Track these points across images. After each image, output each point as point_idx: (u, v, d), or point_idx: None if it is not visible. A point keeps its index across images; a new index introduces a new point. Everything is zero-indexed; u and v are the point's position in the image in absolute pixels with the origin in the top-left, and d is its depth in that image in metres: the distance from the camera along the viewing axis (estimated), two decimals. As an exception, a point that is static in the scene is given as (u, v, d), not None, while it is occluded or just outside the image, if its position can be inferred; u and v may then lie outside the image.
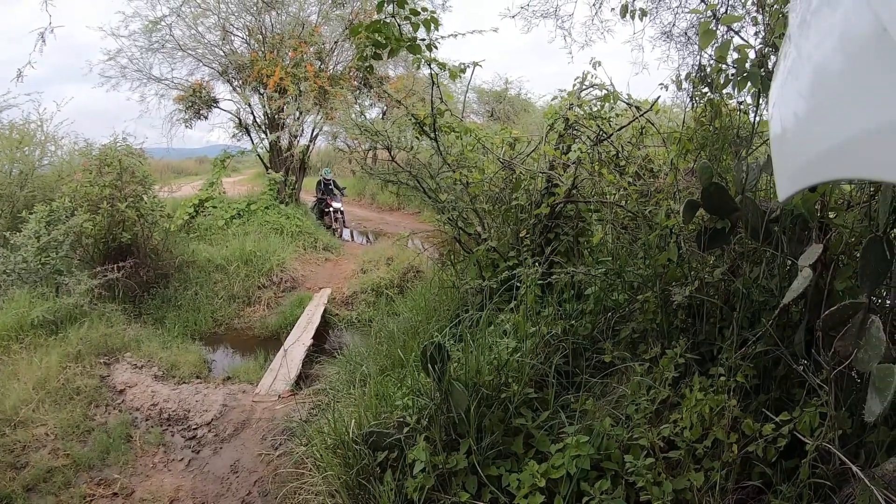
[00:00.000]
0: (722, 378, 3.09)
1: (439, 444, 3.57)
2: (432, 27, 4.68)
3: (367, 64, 4.85)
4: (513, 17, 7.36)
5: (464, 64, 5.60)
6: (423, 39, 4.84)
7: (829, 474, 2.63)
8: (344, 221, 17.01)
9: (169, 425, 6.28)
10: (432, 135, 5.92)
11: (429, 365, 3.55)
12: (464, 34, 6.01)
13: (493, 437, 3.55)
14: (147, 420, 6.34)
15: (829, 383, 2.58)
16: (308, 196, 18.37)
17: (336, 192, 17.43)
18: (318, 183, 17.82)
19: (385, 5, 4.42)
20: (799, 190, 0.96)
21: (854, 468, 2.35)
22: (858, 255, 2.68)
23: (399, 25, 4.64)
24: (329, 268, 13.13)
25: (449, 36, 5.99)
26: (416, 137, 6.39)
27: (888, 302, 2.66)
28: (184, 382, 7.22)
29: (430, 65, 5.13)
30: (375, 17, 4.62)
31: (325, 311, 10.05)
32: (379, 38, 4.56)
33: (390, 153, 7.06)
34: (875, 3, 0.68)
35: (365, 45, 4.68)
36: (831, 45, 0.82)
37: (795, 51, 0.98)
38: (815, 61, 0.88)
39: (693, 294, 3.51)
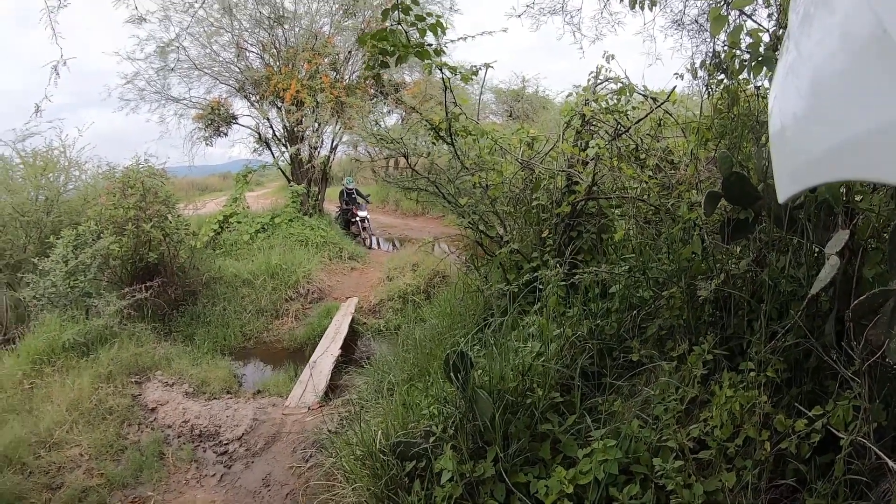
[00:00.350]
0: (752, 373, 3.01)
1: (466, 452, 3.53)
2: (439, 31, 4.64)
3: (374, 72, 4.82)
4: (518, 16, 7.28)
5: (475, 66, 5.55)
6: (431, 44, 4.80)
7: (865, 470, 2.56)
8: (371, 229, 16.99)
9: (200, 441, 6.30)
10: (448, 139, 5.88)
11: (452, 373, 3.51)
12: (473, 36, 5.93)
13: (519, 444, 3.50)
14: (179, 437, 6.37)
15: (861, 375, 2.49)
16: (331, 206, 18.37)
17: (360, 200, 17.40)
18: (341, 193, 17.79)
19: (390, 13, 4.38)
20: (800, 190, 0.97)
21: (890, 463, 2.28)
22: (887, 239, 2.62)
23: (406, 32, 4.60)
24: (355, 277, 13.13)
25: (458, 39, 5.92)
26: (433, 143, 6.35)
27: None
28: (214, 398, 7.24)
29: (440, 69, 5.08)
30: (383, 24, 4.58)
31: (352, 320, 10.02)
32: (385, 46, 4.52)
33: (407, 160, 7.02)
34: (875, 3, 0.69)
35: (372, 53, 4.65)
36: (831, 44, 0.83)
37: (795, 49, 0.99)
38: (815, 60, 0.89)
39: (719, 287, 3.43)
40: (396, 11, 4.43)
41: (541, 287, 4.54)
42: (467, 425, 3.61)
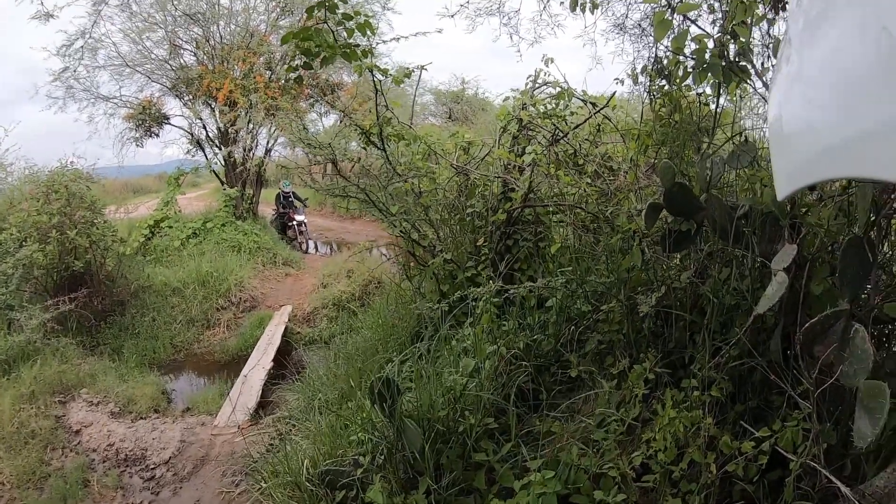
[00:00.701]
0: (696, 392, 2.90)
1: (396, 483, 3.34)
2: (368, 32, 4.43)
3: (296, 74, 4.60)
4: (451, 16, 7.07)
5: (408, 68, 5.37)
6: (359, 45, 4.59)
7: (815, 492, 2.46)
8: (308, 233, 16.73)
9: (126, 466, 6.03)
10: (380, 144, 5.67)
11: (378, 402, 3.30)
12: (407, 37, 5.77)
13: (452, 475, 3.33)
14: (104, 462, 6.08)
15: (810, 396, 2.38)
16: (267, 209, 18.10)
17: (297, 203, 17.17)
18: (278, 196, 17.53)
19: (315, 11, 4.15)
20: (797, 189, 1.00)
21: (842, 487, 2.18)
22: (835, 254, 2.55)
23: (333, 32, 4.38)
24: (289, 283, 12.94)
25: (392, 40, 5.75)
26: (363, 148, 6.15)
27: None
28: (141, 418, 6.96)
29: (371, 71, 4.87)
30: (307, 23, 4.36)
31: (285, 329, 9.81)
32: (310, 45, 4.29)
33: (335, 166, 6.80)
34: (875, 3, 0.70)
35: (293, 53, 4.43)
36: (834, 45, 0.82)
37: (797, 54, 1.00)
38: (818, 63, 0.89)
39: (660, 301, 3.31)
40: (323, 10, 4.20)
41: (473, 302, 4.37)
42: (397, 455, 3.42)
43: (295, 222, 16.60)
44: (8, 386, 6.82)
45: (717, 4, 4.26)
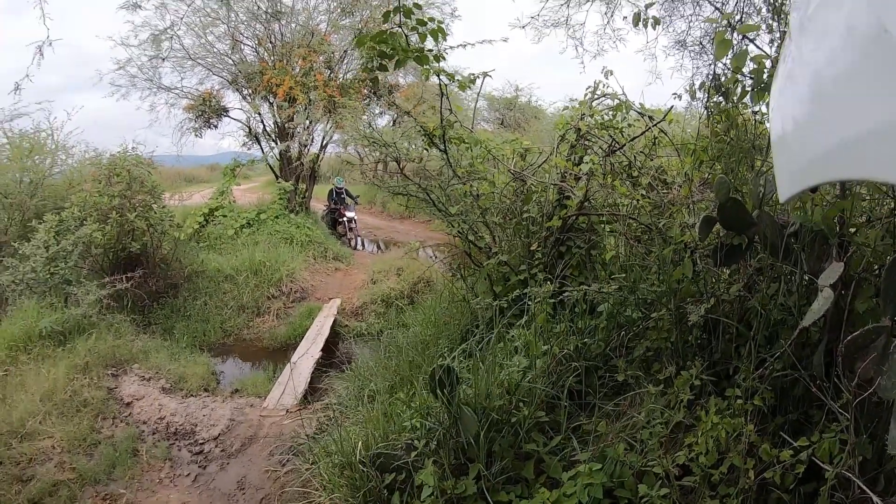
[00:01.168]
0: (738, 401, 3.00)
1: (448, 468, 3.49)
2: (440, 37, 4.61)
3: (372, 74, 4.79)
4: (523, 27, 7.27)
5: (473, 74, 5.52)
6: (431, 50, 4.76)
7: (849, 503, 2.54)
8: (358, 230, 16.94)
9: (176, 439, 6.19)
10: (442, 146, 5.84)
11: (437, 388, 3.47)
12: (473, 44, 5.90)
13: (503, 463, 3.47)
14: (154, 434, 6.25)
15: (849, 408, 2.48)
16: (318, 205, 18.28)
17: (349, 200, 17.31)
18: (330, 192, 17.68)
19: (391, 16, 4.35)
20: (800, 191, 0.98)
21: (875, 498, 2.26)
22: (881, 274, 2.62)
23: (406, 36, 4.57)
24: (339, 278, 13.05)
25: (458, 46, 5.88)
26: (426, 149, 6.31)
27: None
28: (191, 395, 7.14)
29: (438, 75, 5.04)
30: (383, 26, 4.55)
31: (334, 322, 9.96)
32: (385, 48, 4.49)
33: (399, 165, 6.97)
34: (876, 3, 0.70)
35: (370, 55, 4.61)
36: (832, 45, 0.84)
37: (797, 51, 1.00)
38: (816, 63, 0.90)
39: (709, 312, 3.41)
40: (398, 15, 4.39)
41: (528, 302, 4.50)
42: (450, 441, 3.57)
43: (346, 218, 16.69)
44: (63, 356, 7.05)
45: (774, 24, 4.33)
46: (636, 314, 4.12)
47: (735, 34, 3.84)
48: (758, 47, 4.09)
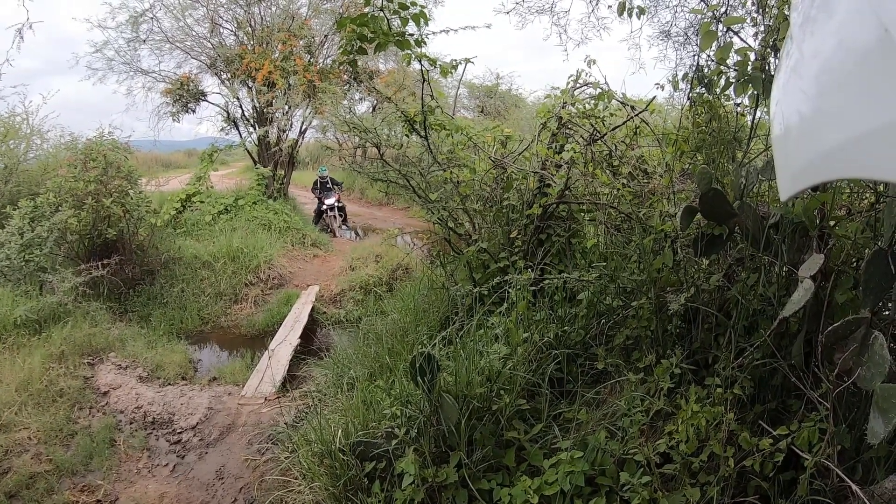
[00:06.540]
0: (718, 389, 3.03)
1: (429, 456, 3.49)
2: (422, 22, 4.57)
3: (351, 58, 4.75)
4: (507, 13, 7.25)
5: (455, 60, 5.49)
6: (413, 34, 4.73)
7: (828, 491, 2.58)
8: (345, 218, 16.77)
9: (153, 429, 6.14)
10: (422, 133, 5.81)
11: (418, 376, 3.46)
12: (456, 30, 5.88)
13: (484, 451, 3.47)
14: (131, 423, 6.19)
15: (828, 398, 2.51)
16: (296, 191, 18.11)
17: (334, 188, 17.07)
18: (315, 182, 17.45)
19: (373, -2, 4.31)
20: (801, 190, 1.00)
21: (853, 486, 2.30)
22: (860, 266, 2.64)
23: (388, 19, 4.53)
24: (317, 264, 12.98)
25: (441, 32, 5.86)
26: (406, 135, 6.27)
27: (886, 312, 2.59)
28: (169, 384, 7.09)
29: (420, 61, 5.01)
30: (364, 9, 4.50)
31: (312, 309, 9.93)
32: (366, 31, 4.45)
33: (379, 151, 6.92)
34: (876, 3, 0.71)
35: (351, 38, 4.57)
36: (833, 44, 0.85)
37: (798, 50, 1.00)
38: (817, 61, 0.90)
39: (689, 301, 3.43)
40: (380, -2, 4.36)
41: (508, 289, 4.50)
42: (431, 429, 3.56)
43: (325, 206, 16.55)
44: (38, 345, 6.98)
45: (759, 18, 4.35)
46: (616, 302, 4.14)
47: (720, 26, 3.84)
48: (742, 40, 4.09)
